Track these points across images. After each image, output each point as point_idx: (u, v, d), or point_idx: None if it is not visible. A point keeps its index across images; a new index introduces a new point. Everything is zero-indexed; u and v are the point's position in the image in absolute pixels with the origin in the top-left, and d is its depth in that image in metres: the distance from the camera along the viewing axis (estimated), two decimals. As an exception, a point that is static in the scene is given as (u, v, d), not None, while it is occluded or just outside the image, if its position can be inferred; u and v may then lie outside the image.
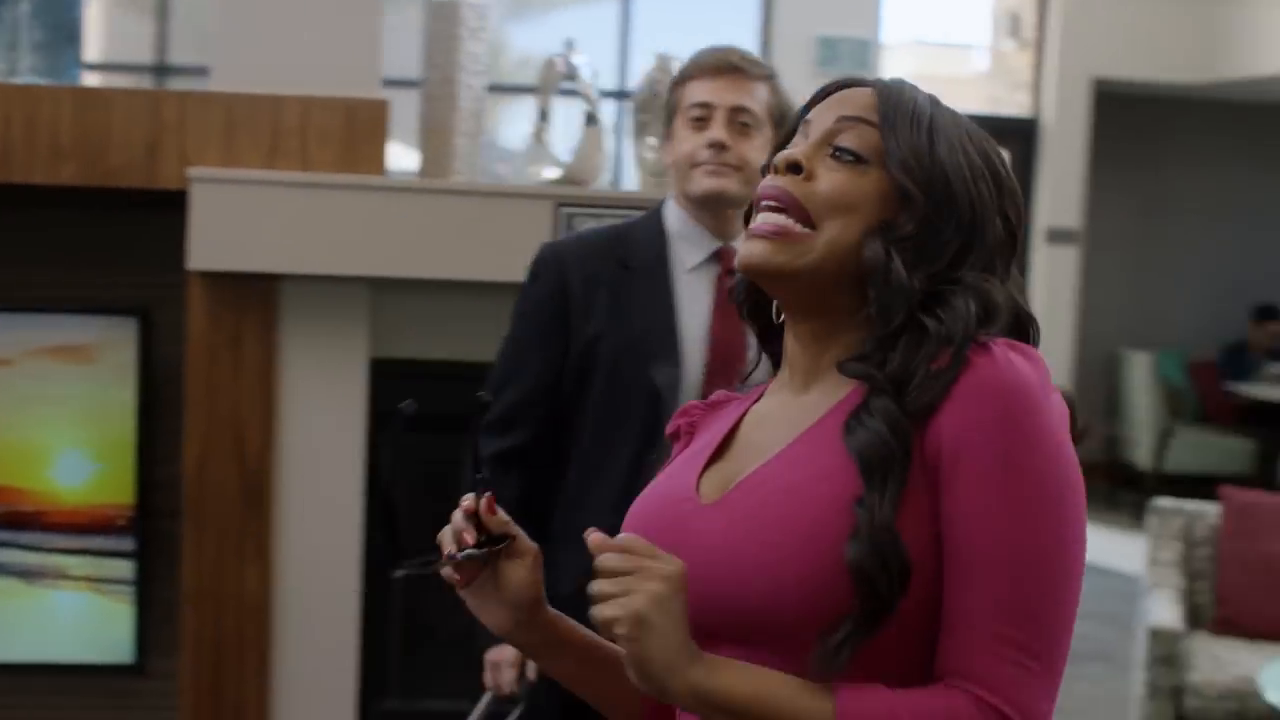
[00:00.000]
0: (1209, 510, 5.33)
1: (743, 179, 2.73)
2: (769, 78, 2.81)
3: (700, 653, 1.40)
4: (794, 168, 1.50)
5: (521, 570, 1.54)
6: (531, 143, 4.13)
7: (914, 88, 1.55)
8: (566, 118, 4.40)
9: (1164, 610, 4.87)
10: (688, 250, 2.83)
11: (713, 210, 2.79)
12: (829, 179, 1.49)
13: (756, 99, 2.77)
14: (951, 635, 1.38)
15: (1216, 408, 10.74)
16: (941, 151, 1.49)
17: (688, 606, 1.39)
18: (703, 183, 2.76)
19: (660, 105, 4.12)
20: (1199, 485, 10.54)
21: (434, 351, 3.81)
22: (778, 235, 1.49)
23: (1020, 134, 10.40)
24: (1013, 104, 10.68)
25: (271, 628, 3.70)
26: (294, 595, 3.71)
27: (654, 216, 2.89)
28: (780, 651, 1.41)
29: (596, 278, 2.80)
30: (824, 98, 1.57)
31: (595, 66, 4.16)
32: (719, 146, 2.74)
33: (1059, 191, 10.13)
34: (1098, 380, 10.97)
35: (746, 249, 1.51)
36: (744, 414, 1.61)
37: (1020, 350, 1.42)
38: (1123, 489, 10.57)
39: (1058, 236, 10.31)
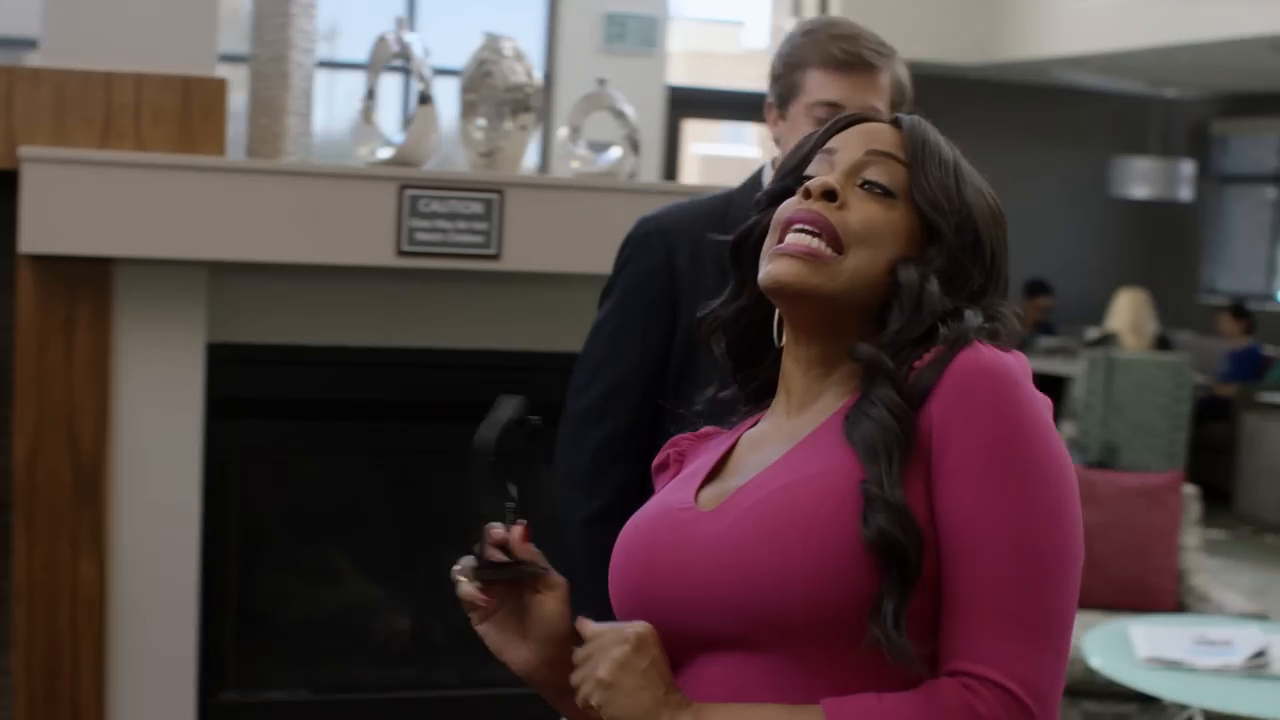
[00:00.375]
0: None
1: None
2: (891, 60, 2.60)
3: (686, 701, 1.43)
4: (829, 195, 1.53)
5: (551, 604, 1.54)
6: (359, 122, 4.06)
7: (934, 129, 1.61)
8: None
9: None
10: None
11: None
12: (861, 209, 1.53)
13: (883, 94, 2.58)
14: (952, 619, 1.40)
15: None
16: (969, 194, 1.57)
17: (663, 662, 1.44)
18: None
19: (489, 83, 4.11)
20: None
21: (274, 336, 3.73)
22: (811, 256, 1.51)
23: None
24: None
25: (108, 622, 3.59)
26: (131, 588, 3.60)
27: (754, 185, 2.69)
28: (783, 652, 1.42)
29: (703, 252, 2.55)
30: (845, 127, 1.61)
31: (427, 44, 4.10)
32: None
33: (841, 169, 10.30)
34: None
35: (780, 267, 1.52)
36: (738, 438, 1.64)
37: (1006, 350, 1.48)
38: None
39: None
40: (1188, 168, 11.43)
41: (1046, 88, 11.86)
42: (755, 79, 10.58)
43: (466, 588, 1.52)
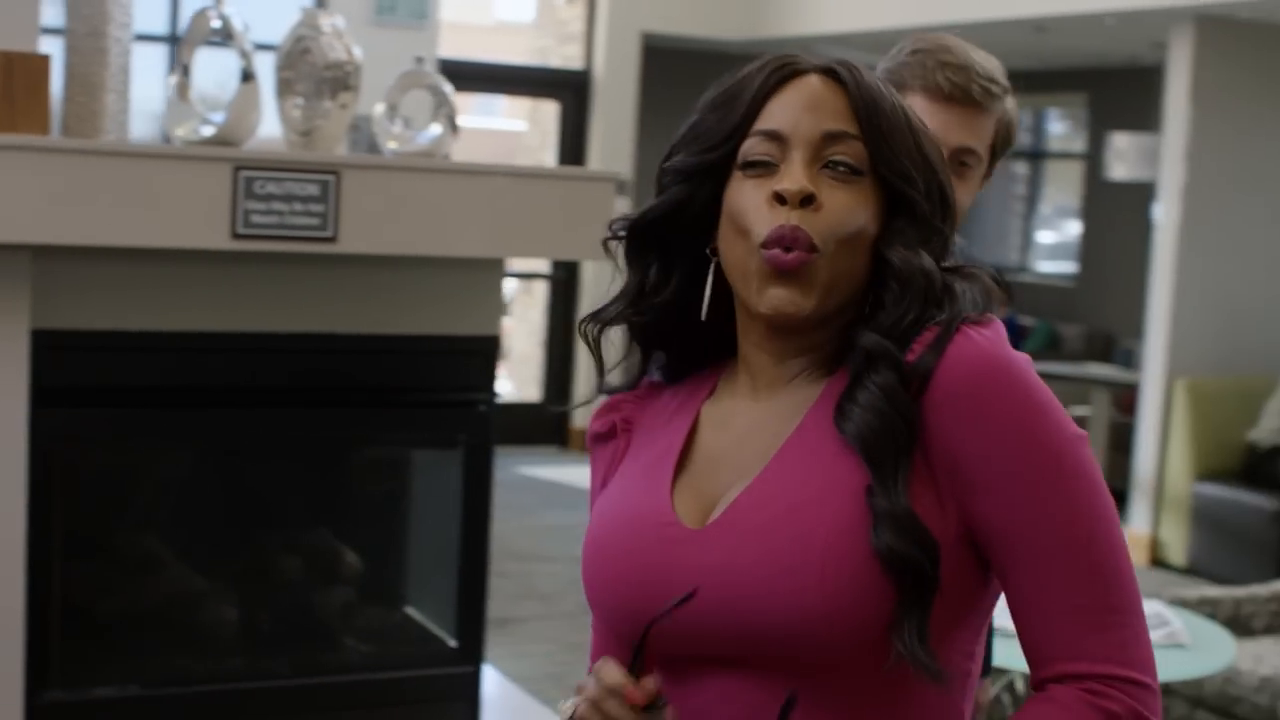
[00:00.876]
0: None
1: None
2: (1001, 100, 2.34)
3: None
4: (808, 200, 1.44)
5: None
6: (174, 100, 3.93)
7: (870, 74, 1.51)
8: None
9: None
10: None
11: None
12: (834, 202, 1.45)
13: (984, 135, 2.32)
14: (1034, 627, 1.39)
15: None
16: (927, 148, 1.50)
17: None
18: None
19: (307, 60, 4.03)
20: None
21: (102, 322, 3.61)
22: (800, 274, 1.43)
23: (572, 86, 10.55)
24: (560, 56, 10.81)
25: (-70, 622, 3.44)
26: (-47, 586, 3.46)
27: None
28: (792, 671, 1.39)
29: None
30: (775, 86, 1.48)
31: (248, 19, 4.00)
32: None
33: (610, 144, 10.33)
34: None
35: (783, 296, 1.44)
36: (695, 419, 1.56)
37: (987, 327, 1.43)
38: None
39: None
40: (944, 143, 11.73)
41: (808, 64, 12.06)
42: (508, 51, 10.52)
43: None
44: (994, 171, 2.40)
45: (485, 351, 4.05)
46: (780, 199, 1.44)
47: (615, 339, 1.61)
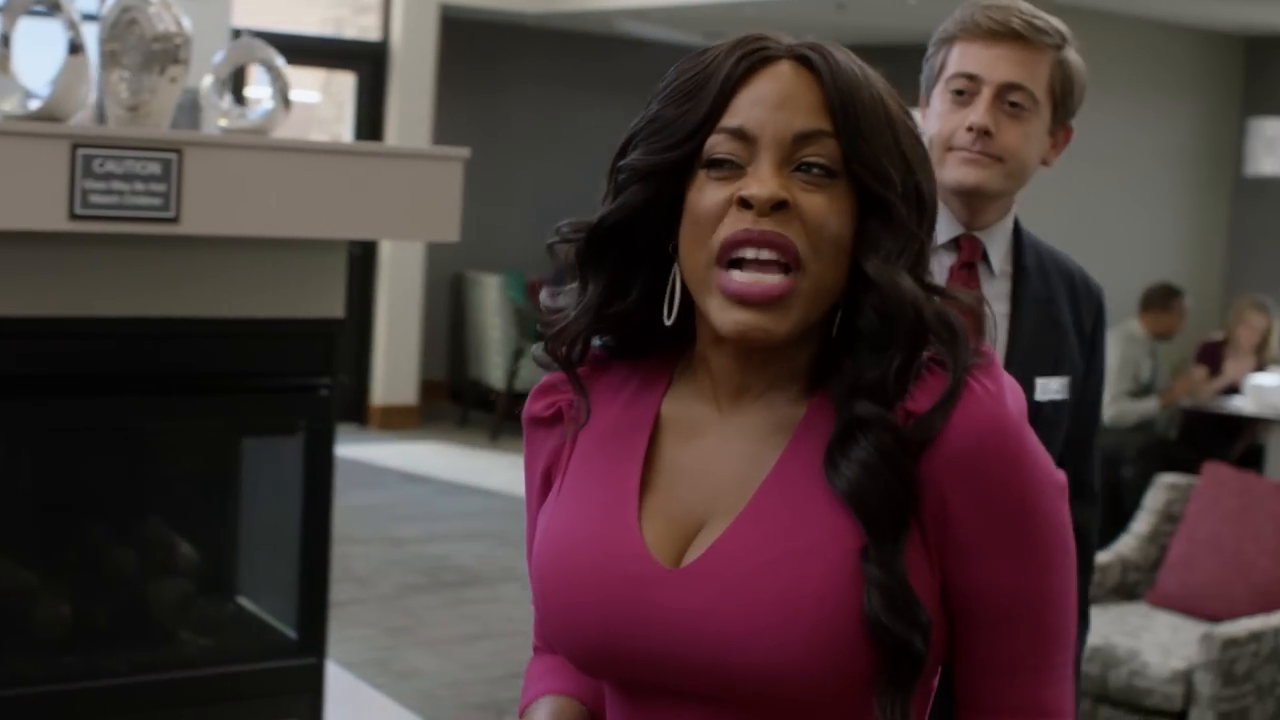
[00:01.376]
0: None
1: (1005, 172, 2.29)
2: (1057, 47, 2.30)
3: None
4: (780, 206, 1.31)
5: None
6: (-11, 73, 3.74)
7: (846, 58, 1.37)
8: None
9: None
10: None
11: (965, 200, 2.34)
12: (809, 206, 1.32)
13: (1036, 75, 2.27)
14: (970, 678, 1.37)
15: (556, 327, 11.13)
16: (905, 144, 1.36)
17: None
18: (956, 172, 2.29)
19: (134, 32, 3.86)
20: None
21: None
22: (778, 298, 1.32)
23: (370, 58, 10.37)
24: (356, 26, 10.63)
25: None
26: None
27: None
28: (767, 711, 1.34)
29: None
30: (743, 76, 1.34)
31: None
32: (981, 133, 2.27)
33: (408, 117, 10.18)
34: (444, 302, 11.18)
35: (745, 320, 1.32)
36: (654, 425, 1.44)
37: (989, 375, 1.35)
38: (476, 409, 10.85)
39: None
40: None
41: (609, 38, 12.03)
42: (302, 21, 10.30)
43: None
44: (1071, 130, 2.34)
45: (326, 334, 3.94)
46: (746, 204, 1.32)
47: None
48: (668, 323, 1.41)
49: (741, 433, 1.39)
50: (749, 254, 1.32)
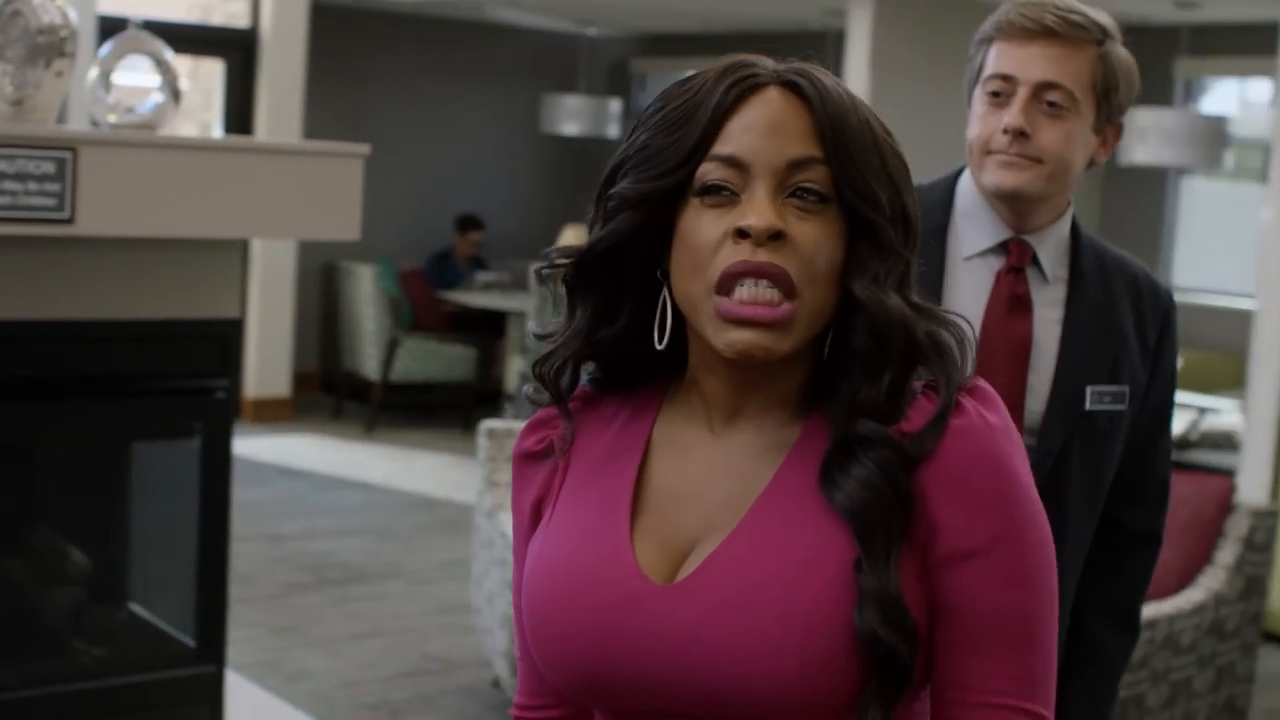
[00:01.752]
0: (536, 430, 5.50)
1: (1045, 175, 2.24)
2: (1097, 42, 2.24)
3: None
4: (776, 236, 1.32)
5: None
6: None
7: (833, 81, 1.39)
8: None
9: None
10: (971, 233, 2.32)
11: (1009, 204, 2.29)
12: (803, 236, 1.33)
13: (1073, 73, 2.22)
14: (950, 687, 1.36)
15: (430, 316, 11.06)
16: (891, 166, 1.38)
17: None
18: (994, 176, 2.26)
19: (17, 24, 3.74)
20: (423, 393, 10.90)
21: None
22: (777, 323, 1.33)
23: (238, 45, 10.19)
24: (224, 13, 10.44)
25: None
26: None
27: (946, 185, 2.37)
28: None
29: None
30: (733, 103, 1.36)
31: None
32: (1017, 134, 2.22)
33: (278, 105, 10.01)
34: (317, 291, 11.03)
35: (745, 339, 1.33)
36: (646, 445, 1.45)
37: (980, 398, 1.37)
38: (350, 400, 10.72)
39: (281, 150, 10.19)
40: (615, 106, 11.77)
41: (479, 25, 11.94)
42: (169, 7, 10.09)
43: None
44: (1121, 128, 2.30)
45: (224, 336, 3.85)
46: (743, 234, 1.33)
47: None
48: (659, 347, 1.41)
49: (734, 453, 1.41)
50: (747, 284, 1.33)
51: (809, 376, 1.41)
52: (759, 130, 1.35)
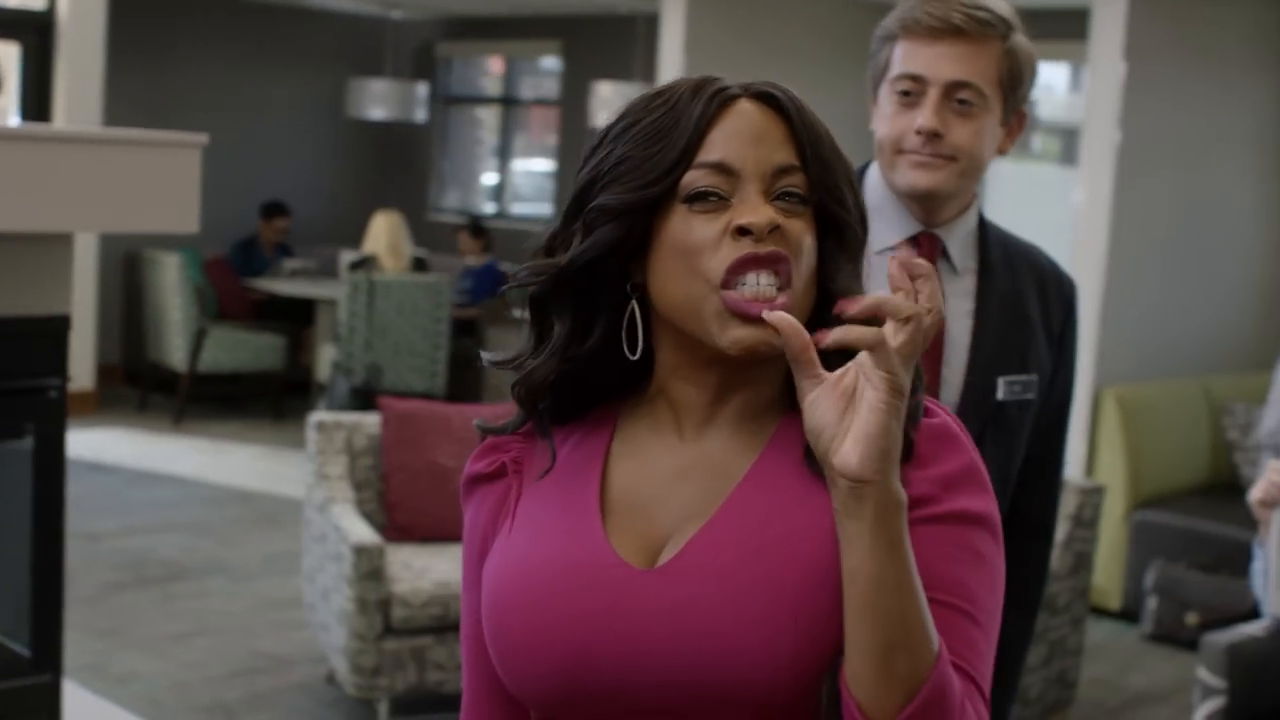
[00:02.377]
0: (368, 421, 5.43)
1: (958, 172, 2.25)
2: (1002, 36, 2.24)
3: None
4: (775, 230, 1.36)
5: None
6: None
7: (796, 94, 1.45)
8: None
9: (356, 525, 4.92)
10: (881, 229, 2.29)
11: (920, 201, 2.30)
12: (793, 231, 1.38)
13: (982, 70, 2.23)
14: None
15: (236, 305, 10.84)
16: (851, 169, 1.45)
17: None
18: (908, 176, 2.26)
19: None
20: (231, 383, 10.68)
21: None
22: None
23: (34, 27, 9.87)
24: (18, -5, 10.11)
25: None
26: None
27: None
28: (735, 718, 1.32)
29: None
30: (713, 113, 1.39)
31: None
32: (930, 135, 2.22)
33: (78, 89, 9.72)
34: (119, 281, 10.76)
35: (757, 333, 1.34)
36: (604, 462, 1.45)
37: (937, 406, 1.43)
38: (155, 392, 10.47)
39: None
40: (422, 89, 11.65)
41: (283, 7, 11.72)
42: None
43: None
44: (1024, 116, 2.30)
45: (55, 333, 3.73)
46: (744, 232, 1.36)
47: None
48: (633, 357, 1.43)
49: (709, 453, 1.43)
50: (751, 278, 1.36)
51: (783, 381, 1.42)
52: (744, 138, 1.39)
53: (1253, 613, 5.99)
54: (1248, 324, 7.84)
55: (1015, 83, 2.26)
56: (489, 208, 12.90)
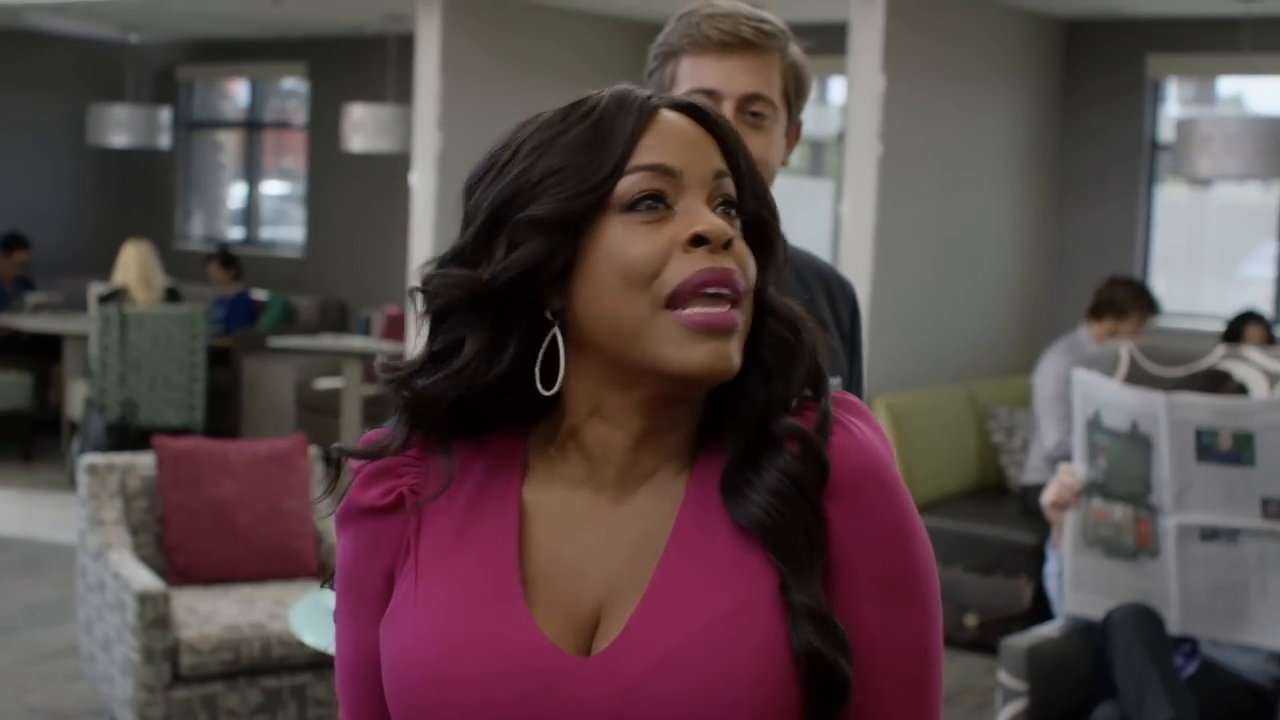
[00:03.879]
0: (141, 462, 5.24)
1: None
2: (784, 49, 2.22)
3: None
4: (728, 244, 1.29)
5: None
6: None
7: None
8: None
9: (138, 572, 4.74)
10: None
11: None
12: (741, 248, 1.30)
13: (771, 81, 2.20)
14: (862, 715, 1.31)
15: (-23, 342, 10.42)
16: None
17: None
18: None
19: None
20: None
21: None
22: (735, 332, 1.28)
23: None
24: None
25: None
26: None
27: None
28: None
29: None
30: (644, 121, 1.31)
31: None
32: None
33: None
34: None
35: (720, 350, 1.26)
36: (520, 512, 1.34)
37: (848, 409, 1.34)
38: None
39: None
40: (165, 115, 11.31)
41: (17, 33, 11.30)
42: None
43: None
44: (800, 126, 2.28)
45: None
46: (700, 241, 1.27)
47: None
48: (547, 393, 1.31)
49: (632, 518, 1.32)
50: (710, 293, 1.27)
51: (696, 424, 1.34)
52: (681, 143, 1.32)
53: (1031, 612, 6.16)
54: (1007, 329, 8.06)
55: (798, 93, 2.26)
56: (237, 233, 12.60)
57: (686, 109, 1.34)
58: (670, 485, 1.33)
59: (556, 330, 1.31)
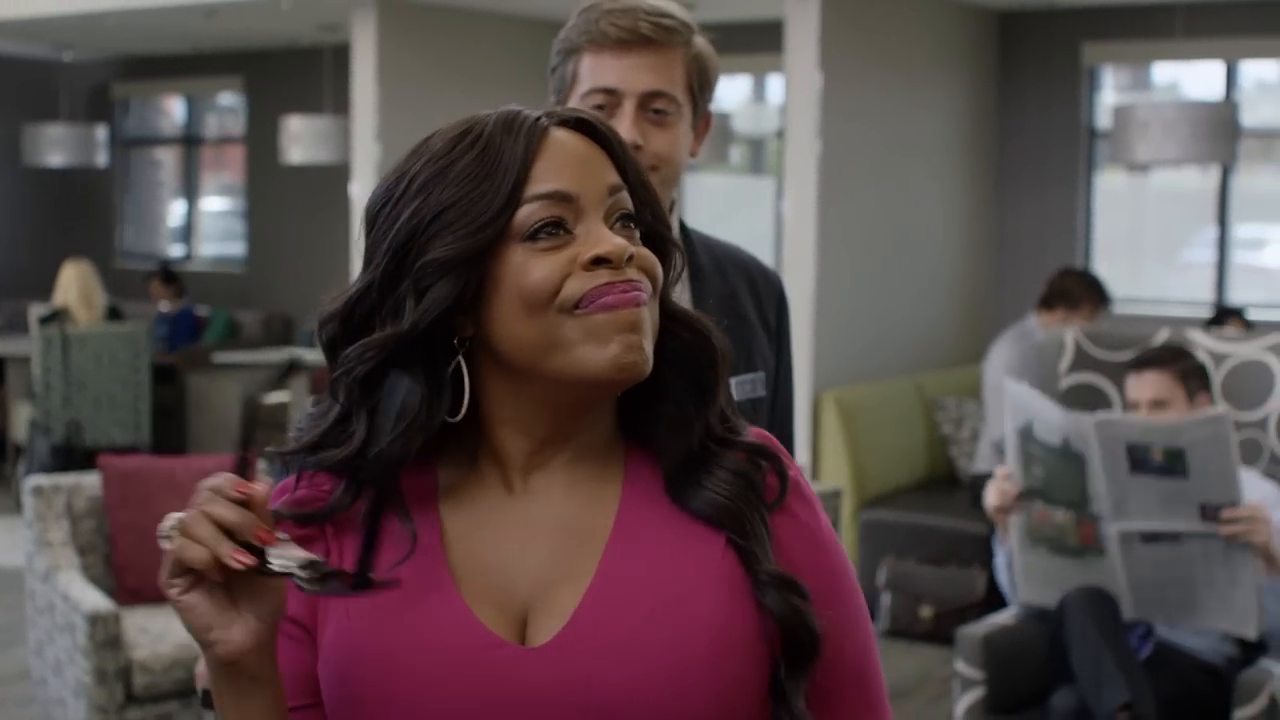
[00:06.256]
0: (87, 482, 5.20)
1: (659, 180, 2.16)
2: (687, 42, 2.20)
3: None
4: (631, 258, 1.30)
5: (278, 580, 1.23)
6: None
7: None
8: None
9: (87, 593, 4.70)
10: None
11: None
12: (648, 259, 1.32)
13: (673, 77, 2.18)
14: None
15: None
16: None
17: None
18: None
19: None
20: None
21: None
22: (641, 307, 1.30)
23: None
24: None
25: None
26: None
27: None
28: None
29: None
30: (533, 140, 1.31)
31: None
32: (631, 147, 2.06)
33: None
34: None
35: (631, 342, 1.28)
36: (439, 525, 1.34)
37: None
38: None
39: None
40: (101, 132, 11.23)
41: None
42: None
43: (226, 548, 1.18)
44: (711, 118, 2.28)
45: None
46: (601, 262, 1.28)
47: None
48: (453, 419, 1.32)
49: (549, 508, 1.34)
50: (634, 302, 1.30)
51: (614, 421, 1.37)
52: (574, 165, 1.31)
53: (985, 601, 6.18)
54: (951, 321, 8.09)
55: (703, 86, 2.25)
56: (178, 250, 12.52)
57: (575, 124, 1.34)
58: (602, 482, 1.35)
59: (460, 359, 1.31)
